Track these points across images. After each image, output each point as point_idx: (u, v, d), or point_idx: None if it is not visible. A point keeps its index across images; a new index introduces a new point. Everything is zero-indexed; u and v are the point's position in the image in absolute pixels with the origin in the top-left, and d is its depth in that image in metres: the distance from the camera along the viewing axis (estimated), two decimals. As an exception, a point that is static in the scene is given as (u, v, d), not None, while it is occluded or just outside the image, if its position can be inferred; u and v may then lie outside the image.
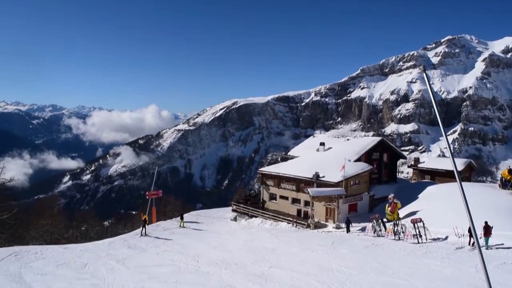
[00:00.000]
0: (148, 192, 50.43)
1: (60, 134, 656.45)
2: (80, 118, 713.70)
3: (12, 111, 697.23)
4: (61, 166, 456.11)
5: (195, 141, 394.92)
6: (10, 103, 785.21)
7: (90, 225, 75.75)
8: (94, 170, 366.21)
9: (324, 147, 53.30)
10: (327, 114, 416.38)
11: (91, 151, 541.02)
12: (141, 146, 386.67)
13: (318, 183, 44.11)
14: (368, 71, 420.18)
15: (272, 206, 50.99)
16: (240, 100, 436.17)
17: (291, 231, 41.66)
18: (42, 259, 28.90)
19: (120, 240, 37.80)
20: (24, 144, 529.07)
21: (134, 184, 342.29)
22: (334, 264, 25.60)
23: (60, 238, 57.89)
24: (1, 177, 46.67)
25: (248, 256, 28.99)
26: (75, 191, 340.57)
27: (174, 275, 24.52)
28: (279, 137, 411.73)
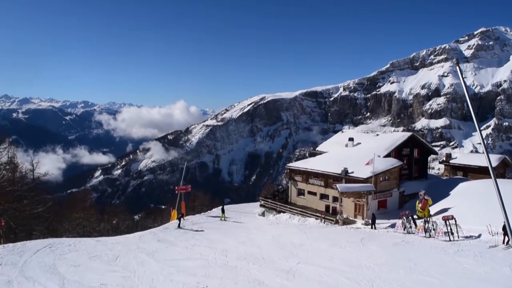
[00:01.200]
0: (177, 187, 51.01)
1: (92, 130, 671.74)
2: (110, 114, 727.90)
3: (46, 107, 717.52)
4: (93, 161, 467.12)
5: (223, 137, 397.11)
6: (44, 100, 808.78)
7: (121, 219, 77.37)
8: (124, 165, 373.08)
9: (353, 143, 52.76)
10: (356, 109, 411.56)
11: (121, 147, 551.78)
12: (170, 141, 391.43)
13: (347, 179, 43.72)
14: (398, 65, 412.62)
15: (300, 201, 50.84)
16: (268, 96, 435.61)
17: (319, 227, 41.47)
18: (75, 251, 29.65)
19: (150, 233, 38.39)
20: (58, 140, 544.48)
21: (163, 179, 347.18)
22: (363, 260, 25.37)
23: (92, 231, 59.33)
24: (36, 172, 48.24)
25: (276, 252, 29.02)
26: (106, 185, 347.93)
27: (203, 269, 24.79)
28: (307, 133, 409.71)
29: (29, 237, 43.62)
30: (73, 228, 57.51)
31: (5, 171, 44.95)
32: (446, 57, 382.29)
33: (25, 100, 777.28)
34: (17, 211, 43.28)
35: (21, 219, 43.82)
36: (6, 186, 43.53)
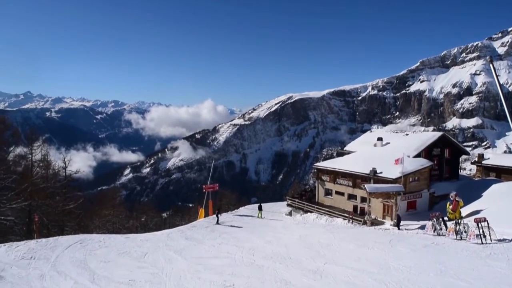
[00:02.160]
0: (205, 186, 51.44)
1: (121, 129, 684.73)
2: (139, 113, 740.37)
3: (78, 106, 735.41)
4: (122, 159, 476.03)
5: (250, 136, 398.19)
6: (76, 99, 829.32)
7: (149, 216, 78.63)
8: (153, 164, 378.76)
9: (381, 142, 52.05)
10: (385, 108, 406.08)
11: (150, 145, 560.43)
12: (198, 140, 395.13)
13: (375, 179, 43.16)
14: (428, 64, 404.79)
15: (327, 201, 50.50)
16: (295, 95, 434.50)
17: (346, 227, 41.07)
18: (105, 247, 30.23)
19: (178, 231, 38.78)
20: (89, 138, 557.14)
21: (191, 177, 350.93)
22: (391, 262, 24.97)
23: (121, 228, 60.47)
24: (68, 169, 49.47)
25: (303, 251, 28.88)
26: (135, 183, 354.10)
27: (230, 268, 24.88)
28: (335, 132, 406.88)
29: (61, 232, 44.82)
30: (103, 225, 58.74)
31: (39, 169, 46.26)
32: (478, 55, 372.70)
33: (58, 100, 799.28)
34: (50, 207, 44.51)
35: (53, 215, 45.04)
36: (40, 183, 44.80)
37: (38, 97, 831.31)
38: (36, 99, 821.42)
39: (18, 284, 21.78)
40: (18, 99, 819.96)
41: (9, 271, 23.70)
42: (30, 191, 41.49)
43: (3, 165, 40.27)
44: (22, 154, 44.70)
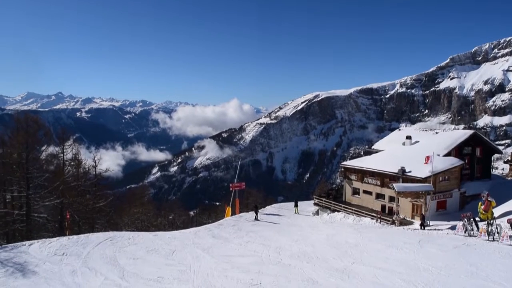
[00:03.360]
0: (232, 184, 51.63)
1: (149, 128, 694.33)
2: (166, 113, 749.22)
3: (107, 106, 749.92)
4: (150, 158, 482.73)
5: (276, 135, 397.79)
6: (105, 99, 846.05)
7: (177, 215, 79.47)
8: (180, 162, 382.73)
9: (410, 141, 51.14)
10: (413, 106, 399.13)
11: (177, 144, 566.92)
12: (225, 139, 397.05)
13: (404, 178, 42.46)
14: (458, 60, 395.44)
15: (355, 200, 50.00)
16: (322, 93, 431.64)
17: (374, 227, 40.57)
18: (134, 244, 30.74)
19: (205, 229, 39.06)
20: (117, 137, 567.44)
21: (217, 176, 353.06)
22: (421, 263, 24.54)
23: (150, 225, 61.28)
24: (98, 168, 50.47)
25: (330, 251, 28.69)
26: (163, 181, 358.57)
27: (257, 266, 24.94)
28: (362, 130, 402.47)
29: (92, 229, 45.77)
30: (132, 222, 59.66)
31: (70, 167, 47.35)
32: (511, 51, 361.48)
33: (88, 100, 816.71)
34: (80, 205, 45.50)
35: (84, 213, 46.02)
36: (71, 181, 45.86)
37: (69, 98, 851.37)
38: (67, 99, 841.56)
39: (51, 279, 22.38)
40: (50, 99, 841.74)
41: (42, 266, 24.39)
42: (62, 189, 42.49)
43: (36, 164, 41.38)
44: (54, 153, 45.83)
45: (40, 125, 43.50)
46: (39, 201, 40.89)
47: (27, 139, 39.53)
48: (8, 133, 42.16)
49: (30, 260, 25.46)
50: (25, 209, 40.07)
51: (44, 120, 65.45)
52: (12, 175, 39.46)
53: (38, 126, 42.54)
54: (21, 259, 25.58)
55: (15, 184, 39.98)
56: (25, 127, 40.58)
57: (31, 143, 40.24)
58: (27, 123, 41.06)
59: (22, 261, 25.10)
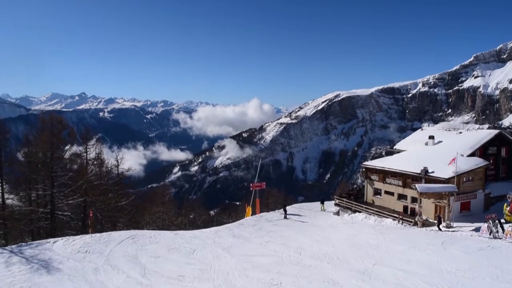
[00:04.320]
0: (252, 184, 51.69)
1: (170, 128, 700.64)
2: (187, 113, 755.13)
3: (129, 107, 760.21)
4: (171, 158, 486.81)
5: (297, 134, 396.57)
6: (127, 100, 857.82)
7: (197, 214, 79.92)
8: (201, 162, 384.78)
9: (433, 141, 50.30)
10: (436, 105, 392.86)
11: (197, 144, 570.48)
12: (245, 139, 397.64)
13: (427, 179, 41.80)
14: (482, 58, 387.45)
15: (376, 201, 49.47)
16: (343, 93, 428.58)
17: (396, 228, 40.05)
18: (156, 243, 31.04)
19: (226, 229, 39.19)
20: (139, 137, 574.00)
21: (238, 176, 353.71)
22: (444, 265, 24.12)
23: (171, 224, 61.82)
24: (120, 167, 51.14)
25: (351, 252, 28.45)
26: (184, 181, 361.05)
27: (277, 266, 24.90)
28: (384, 130, 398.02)
29: (114, 228, 46.42)
30: (153, 221, 60.26)
31: (93, 166, 48.05)
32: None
33: (110, 100, 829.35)
34: (103, 204, 46.14)
35: (106, 211, 46.63)
36: (94, 180, 46.55)
37: (92, 98, 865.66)
38: (90, 100, 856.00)
39: (74, 276, 22.77)
40: (73, 100, 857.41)
41: (66, 263, 24.85)
42: (85, 188, 43.17)
43: (60, 163, 42.13)
44: (78, 152, 46.56)
45: (64, 125, 44.25)
46: (63, 199, 41.64)
47: (51, 139, 40.28)
48: (34, 132, 43.05)
49: (54, 257, 25.97)
50: (50, 207, 40.86)
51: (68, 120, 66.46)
52: (37, 174, 40.27)
53: (62, 126, 43.30)
54: (46, 256, 26.12)
55: (40, 182, 40.79)
56: (50, 127, 41.37)
57: (55, 142, 40.99)
58: (52, 123, 41.85)
59: (47, 258, 25.62)
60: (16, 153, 43.82)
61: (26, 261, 24.87)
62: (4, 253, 26.44)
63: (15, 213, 39.61)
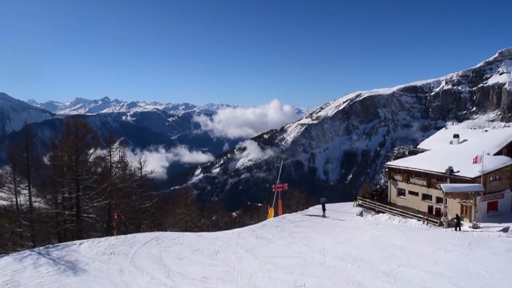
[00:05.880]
0: (274, 185, 51.58)
1: (192, 130, 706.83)
2: (207, 115, 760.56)
3: (151, 110, 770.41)
4: (193, 160, 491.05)
5: (318, 135, 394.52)
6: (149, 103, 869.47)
7: (220, 215, 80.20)
8: (222, 164, 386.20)
9: (458, 140, 49.41)
10: (460, 103, 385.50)
11: (218, 146, 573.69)
12: (266, 140, 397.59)
13: (452, 178, 41.06)
14: (508, 54, 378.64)
15: (400, 201, 48.83)
16: (364, 92, 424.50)
17: (421, 228, 39.41)
18: (179, 244, 31.26)
19: (248, 230, 39.19)
20: (161, 140, 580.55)
21: (259, 177, 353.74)
22: (471, 266, 23.65)
23: (194, 226, 62.17)
24: (143, 170, 51.71)
25: (375, 253, 28.12)
26: (206, 183, 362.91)
27: (300, 267, 24.79)
28: (406, 130, 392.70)
29: (138, 229, 46.94)
30: (176, 223, 60.70)
31: (117, 169, 48.72)
32: None
33: (133, 104, 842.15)
34: (127, 206, 46.74)
35: (130, 213, 47.22)
36: (118, 183, 47.18)
37: (115, 102, 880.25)
38: (113, 104, 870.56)
39: (100, 277, 23.10)
40: (97, 104, 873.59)
41: (91, 265, 25.24)
42: (110, 190, 43.79)
43: (85, 167, 42.83)
44: (102, 156, 47.21)
45: (88, 129, 44.94)
46: (88, 202, 42.33)
47: (76, 143, 40.99)
48: (59, 137, 43.80)
49: (81, 258, 26.41)
50: (75, 209, 41.59)
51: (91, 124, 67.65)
52: (63, 177, 41.01)
53: (86, 130, 43.98)
54: (72, 257, 26.59)
55: (66, 185, 41.54)
56: (74, 131, 42.09)
57: (80, 146, 41.68)
58: (76, 127, 42.56)
59: (73, 260, 26.08)
60: (42, 157, 44.63)
61: (53, 262, 25.36)
62: (32, 254, 27.03)
63: (42, 216, 40.38)
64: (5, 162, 41.08)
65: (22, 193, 38.74)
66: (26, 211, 39.11)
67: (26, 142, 38.41)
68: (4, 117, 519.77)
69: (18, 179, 38.19)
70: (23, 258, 26.16)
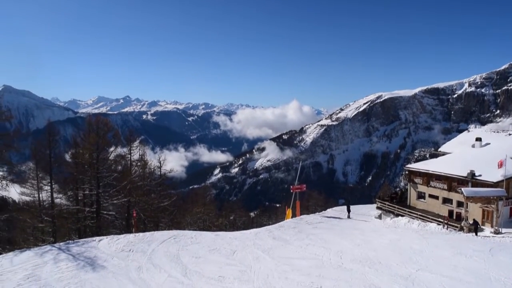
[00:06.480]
0: (293, 186, 51.38)
1: (211, 130, 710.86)
2: (227, 115, 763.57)
3: (171, 109, 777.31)
4: (212, 159, 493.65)
5: (337, 136, 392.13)
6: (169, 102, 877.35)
7: (238, 215, 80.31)
8: (241, 164, 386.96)
9: (480, 143, 48.51)
10: (484, 106, 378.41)
11: (237, 146, 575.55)
12: (285, 141, 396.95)
13: (474, 182, 40.30)
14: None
15: (420, 205, 48.15)
16: (385, 94, 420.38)
17: (441, 233, 38.81)
18: (197, 243, 31.44)
19: (266, 231, 39.15)
20: (180, 139, 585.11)
21: (278, 178, 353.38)
22: (492, 273, 23.19)
23: (211, 225, 62.38)
24: (163, 168, 52.14)
25: (393, 256, 27.80)
26: (224, 182, 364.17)
27: (317, 269, 24.67)
28: (428, 132, 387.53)
29: (156, 227, 47.40)
30: (194, 222, 60.99)
31: (137, 168, 49.23)
32: None
33: (153, 103, 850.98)
34: (146, 204, 47.19)
35: (149, 211, 47.65)
36: (138, 181, 47.70)
37: (136, 101, 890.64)
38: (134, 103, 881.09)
39: (118, 274, 23.41)
40: (118, 103, 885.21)
41: (110, 261, 25.59)
42: (129, 188, 44.29)
43: (105, 164, 43.40)
44: (122, 154, 47.80)
45: (109, 127, 45.51)
46: (108, 199, 42.92)
47: (97, 141, 41.59)
48: (81, 134, 44.51)
49: (100, 255, 26.81)
50: (95, 206, 42.20)
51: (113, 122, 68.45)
52: (84, 175, 41.68)
53: (107, 128, 44.56)
54: (91, 253, 27.01)
55: (86, 183, 42.21)
56: (96, 129, 42.70)
57: (101, 144, 42.28)
58: (98, 125, 43.16)
59: (92, 256, 26.49)
60: (64, 154, 45.44)
61: (73, 258, 25.81)
62: (52, 250, 27.55)
63: (63, 212, 41.13)
64: (29, 159, 41.90)
65: (44, 189, 39.51)
66: (48, 207, 39.90)
67: (49, 140, 39.15)
68: (28, 115, 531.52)
69: (40, 176, 38.97)
70: (44, 253, 26.69)
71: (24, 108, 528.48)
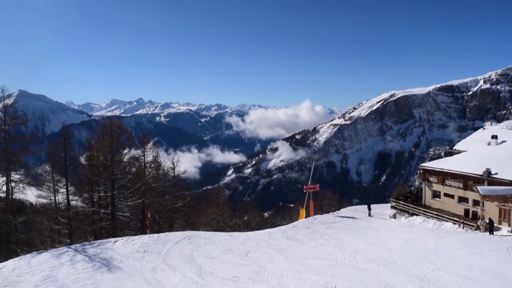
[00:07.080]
0: (306, 186, 51.29)
1: (224, 131, 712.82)
2: (239, 116, 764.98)
3: (184, 111, 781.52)
4: (225, 160, 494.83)
5: (351, 136, 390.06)
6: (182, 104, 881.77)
7: (251, 216, 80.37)
8: (254, 164, 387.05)
9: (496, 141, 47.85)
10: (499, 103, 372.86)
11: (250, 147, 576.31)
12: (298, 141, 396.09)
13: (490, 180, 39.79)
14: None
15: (435, 204, 47.67)
16: (398, 92, 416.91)
17: (457, 232, 38.40)
18: (211, 244, 31.58)
19: (279, 231, 39.15)
20: (193, 140, 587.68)
21: (291, 178, 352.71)
22: (509, 272, 22.89)
23: (225, 226, 62.57)
24: (176, 170, 52.44)
25: (408, 256, 27.59)
26: (238, 183, 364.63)
27: (331, 269, 24.61)
28: (442, 130, 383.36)
29: (171, 228, 47.66)
30: (208, 223, 61.22)
31: (151, 169, 49.59)
32: None
33: (166, 105, 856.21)
34: (160, 205, 47.50)
35: (163, 212, 47.96)
36: (152, 182, 48.02)
37: (149, 103, 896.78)
38: (147, 105, 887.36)
39: (133, 274, 23.63)
40: (131, 105, 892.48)
41: (125, 262, 25.84)
42: (143, 190, 44.61)
43: (120, 166, 43.79)
44: (136, 156, 48.16)
45: (123, 130, 45.91)
46: (122, 201, 43.29)
47: (111, 143, 41.96)
48: (95, 137, 44.97)
49: (115, 256, 27.09)
50: (110, 208, 42.62)
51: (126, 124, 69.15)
52: (98, 177, 42.09)
53: (121, 131, 44.96)
54: (107, 255, 27.30)
55: (101, 185, 42.61)
56: (109, 132, 43.08)
57: (115, 146, 42.66)
58: (112, 128, 43.55)
59: (108, 257, 26.77)
60: (79, 157, 45.94)
61: (89, 259, 26.11)
62: (69, 251, 27.91)
63: (79, 214, 41.60)
64: (45, 162, 42.50)
65: (60, 191, 40.02)
66: (64, 209, 40.39)
67: (64, 143, 39.65)
68: (44, 119, 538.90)
69: (56, 178, 39.49)
70: (60, 255, 27.06)
71: (39, 112, 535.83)
